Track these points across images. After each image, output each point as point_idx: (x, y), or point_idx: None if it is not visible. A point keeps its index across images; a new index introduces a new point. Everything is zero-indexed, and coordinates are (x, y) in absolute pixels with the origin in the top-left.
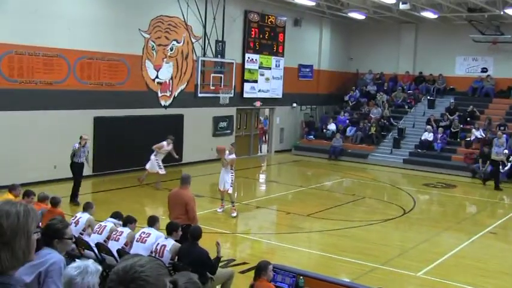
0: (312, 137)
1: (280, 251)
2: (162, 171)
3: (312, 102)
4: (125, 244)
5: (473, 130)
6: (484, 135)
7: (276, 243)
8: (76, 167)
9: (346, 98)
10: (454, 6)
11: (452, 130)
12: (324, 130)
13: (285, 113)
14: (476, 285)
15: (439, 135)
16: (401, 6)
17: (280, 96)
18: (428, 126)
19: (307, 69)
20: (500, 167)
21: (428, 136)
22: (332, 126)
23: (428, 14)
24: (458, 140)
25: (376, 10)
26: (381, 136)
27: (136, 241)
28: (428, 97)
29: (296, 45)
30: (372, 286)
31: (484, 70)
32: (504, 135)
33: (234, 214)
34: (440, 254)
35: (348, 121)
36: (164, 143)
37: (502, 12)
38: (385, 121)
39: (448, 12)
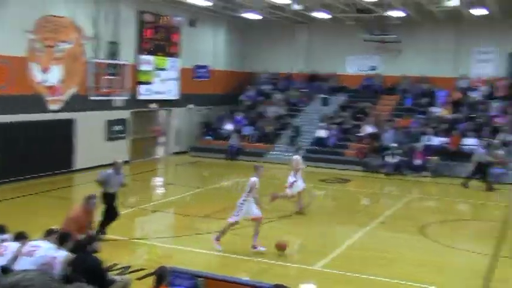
0: (209, 137)
1: (178, 254)
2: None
3: (209, 102)
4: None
5: (364, 126)
6: (374, 130)
7: (173, 246)
8: None
9: (242, 97)
10: (344, 7)
11: (345, 126)
12: (221, 130)
13: (181, 114)
14: (369, 273)
15: (333, 132)
16: (295, 7)
17: (177, 97)
18: (323, 124)
19: (203, 70)
20: (391, 159)
21: (322, 133)
22: (229, 126)
23: (320, 15)
24: (351, 135)
25: (271, 10)
26: (277, 134)
27: (24, 255)
28: (322, 95)
29: (192, 46)
30: (270, 282)
31: (373, 68)
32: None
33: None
34: (336, 247)
35: (244, 121)
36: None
37: (387, 14)
38: (281, 119)
39: (338, 12)
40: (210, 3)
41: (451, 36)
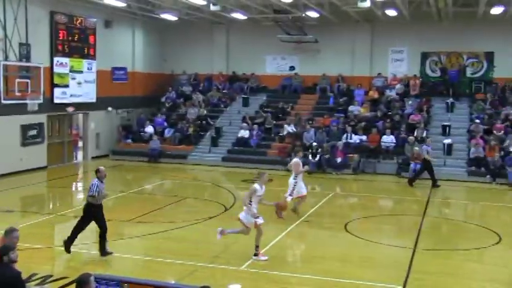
0: (129, 140)
1: (103, 260)
2: None
3: (128, 105)
4: None
5: (285, 125)
6: (295, 130)
7: (97, 252)
8: None
9: (163, 99)
10: (261, 8)
11: (266, 126)
12: (141, 133)
13: (100, 118)
14: (296, 272)
15: (254, 132)
16: (212, 8)
17: (94, 100)
18: (244, 124)
19: (121, 72)
20: (313, 158)
21: (244, 133)
22: (149, 129)
23: (238, 15)
24: (272, 135)
25: (188, 11)
26: (199, 136)
27: None
28: (243, 95)
29: (109, 48)
30: (197, 285)
31: (292, 68)
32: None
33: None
34: (262, 247)
35: (165, 122)
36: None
37: (303, 14)
38: (202, 121)
39: (256, 13)
40: (123, 4)
41: (367, 36)
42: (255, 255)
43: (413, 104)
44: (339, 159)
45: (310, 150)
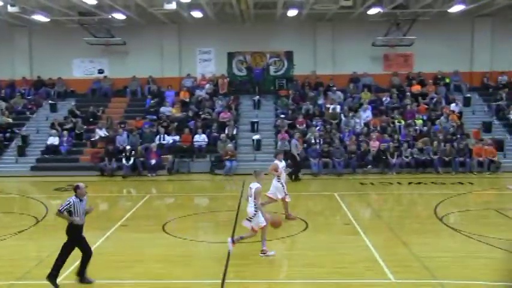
0: None
1: None
2: None
3: None
4: None
5: (97, 130)
6: (107, 134)
7: None
8: None
9: None
10: (65, 10)
11: (77, 132)
12: None
13: None
14: (116, 278)
15: (65, 138)
16: (10, 9)
17: None
18: (53, 131)
19: None
20: (127, 161)
21: (53, 140)
22: None
23: (40, 17)
24: (84, 141)
25: None
26: (4, 145)
27: None
28: (50, 101)
29: None
30: None
31: (101, 71)
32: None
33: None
34: (77, 256)
35: None
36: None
37: (110, 16)
38: (7, 129)
39: (60, 15)
40: None
41: (175, 37)
42: (263, 252)
43: (222, 102)
44: (153, 161)
45: (123, 154)
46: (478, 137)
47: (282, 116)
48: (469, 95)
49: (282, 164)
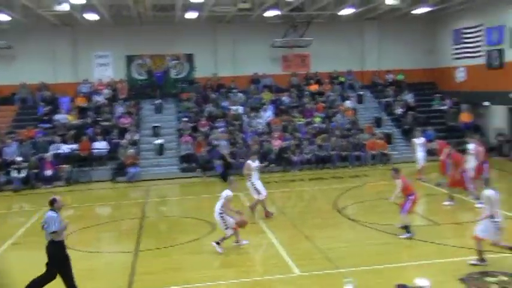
0: None
1: None
2: None
3: None
4: None
5: None
6: None
7: None
8: None
9: None
10: None
11: None
12: None
13: None
14: None
15: None
16: None
17: None
18: None
19: None
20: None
21: None
22: None
23: None
24: None
25: None
26: None
27: None
28: None
29: None
30: None
31: None
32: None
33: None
34: None
35: None
36: None
37: None
38: None
39: None
40: None
41: (68, 41)
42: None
43: (122, 107)
44: (48, 172)
45: (13, 166)
46: (371, 132)
47: (185, 119)
48: (361, 92)
49: (254, 164)
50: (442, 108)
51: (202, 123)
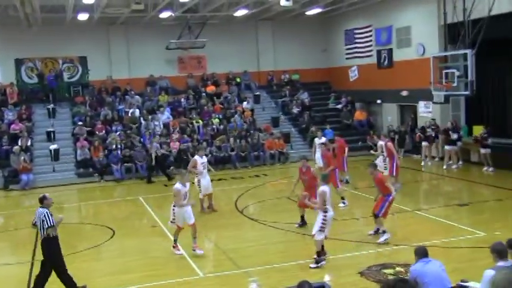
0: None
1: None
2: None
3: None
4: None
5: None
6: None
7: None
8: None
9: None
10: None
11: None
12: None
13: None
14: None
15: None
16: None
17: None
18: None
19: None
20: None
21: None
22: None
23: None
24: None
25: None
26: None
27: None
28: None
29: None
30: None
31: None
32: None
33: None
34: None
35: None
36: None
37: None
38: None
39: None
40: None
41: None
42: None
43: (12, 113)
44: None
45: None
46: (269, 131)
47: (80, 123)
48: (258, 93)
49: (201, 160)
50: (337, 107)
51: (98, 127)
